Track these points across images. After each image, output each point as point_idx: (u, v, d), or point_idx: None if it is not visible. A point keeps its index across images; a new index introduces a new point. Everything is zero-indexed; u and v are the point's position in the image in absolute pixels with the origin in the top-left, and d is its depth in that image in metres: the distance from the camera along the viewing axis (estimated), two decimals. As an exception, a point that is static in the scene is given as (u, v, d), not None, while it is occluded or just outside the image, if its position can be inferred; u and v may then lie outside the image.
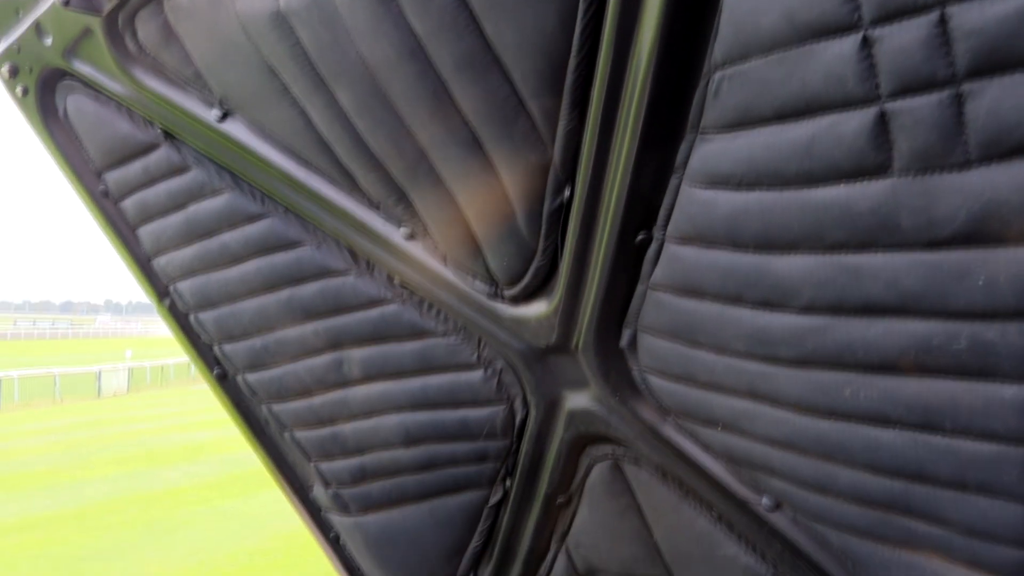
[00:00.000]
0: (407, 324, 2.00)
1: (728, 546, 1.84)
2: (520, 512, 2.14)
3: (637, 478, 1.90)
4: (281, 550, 12.08)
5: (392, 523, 2.33)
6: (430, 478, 2.20)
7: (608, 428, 1.85)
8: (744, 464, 1.66)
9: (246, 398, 2.41)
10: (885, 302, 1.24)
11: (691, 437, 1.72)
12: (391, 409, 2.14)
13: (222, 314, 2.28)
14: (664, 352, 1.63)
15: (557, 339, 1.79)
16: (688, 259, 1.48)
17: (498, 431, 2.02)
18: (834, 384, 1.37)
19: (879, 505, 1.45)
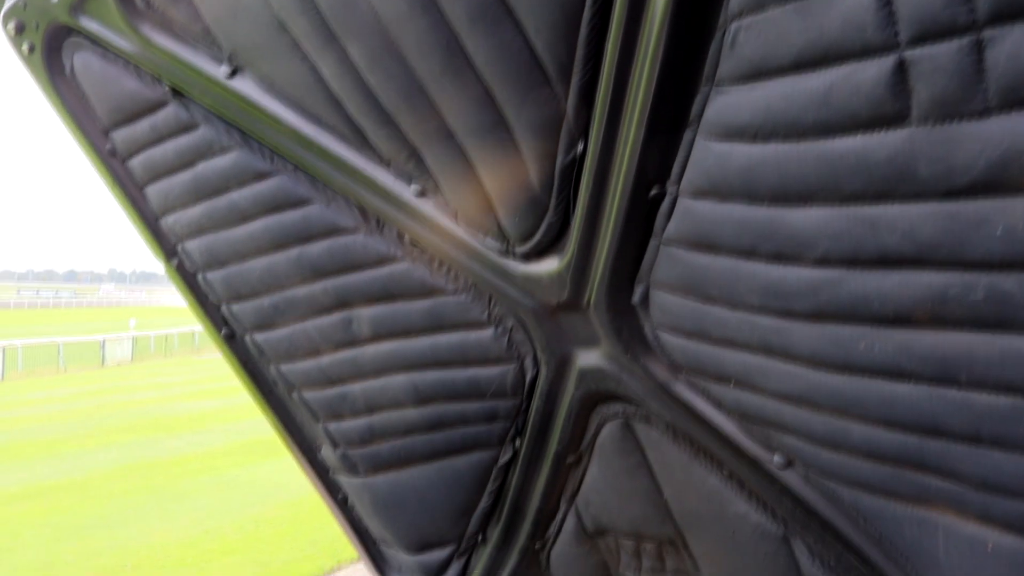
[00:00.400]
0: (417, 282, 1.99)
1: (739, 504, 1.84)
2: (529, 472, 2.14)
3: (647, 436, 1.90)
4: (286, 519, 12.14)
5: (400, 483, 2.34)
6: (439, 438, 2.20)
7: (619, 386, 1.85)
8: (756, 421, 1.66)
9: (254, 358, 2.41)
10: (901, 253, 1.23)
11: (703, 394, 1.72)
12: (400, 368, 2.14)
13: (230, 273, 2.27)
14: (676, 308, 1.62)
15: (568, 296, 1.78)
16: (702, 213, 1.48)
17: (508, 390, 2.01)
18: (848, 338, 1.36)
19: (892, 460, 1.45)
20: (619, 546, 2.14)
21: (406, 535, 2.45)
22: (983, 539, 1.41)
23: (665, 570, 2.11)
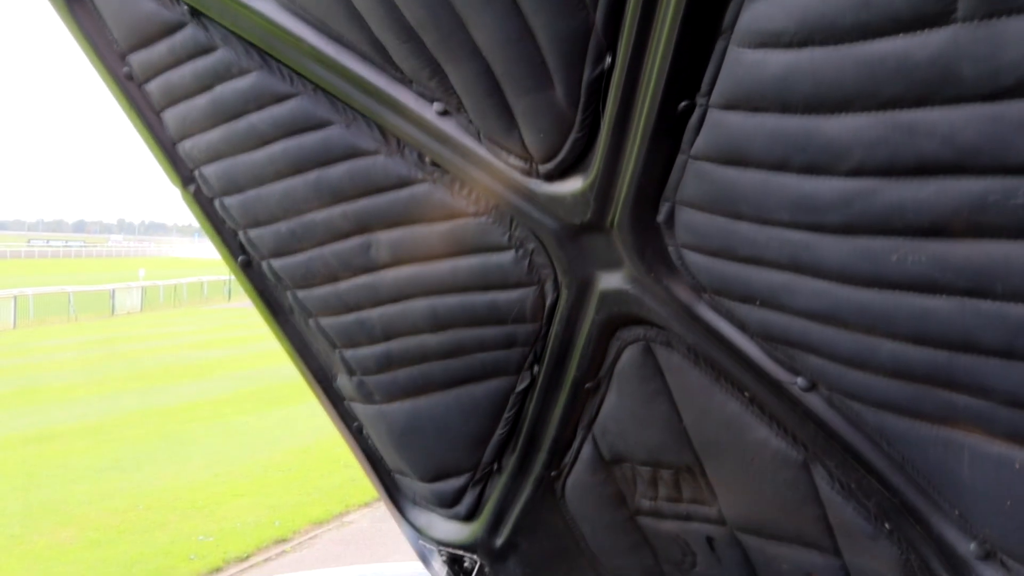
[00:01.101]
0: (438, 204, 1.97)
1: (759, 429, 1.83)
2: (547, 399, 2.13)
3: (668, 361, 1.89)
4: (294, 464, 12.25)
5: (416, 411, 2.34)
6: (456, 364, 2.19)
7: (641, 308, 1.83)
8: (780, 342, 1.64)
9: (271, 285, 2.40)
10: (940, 159, 1.21)
11: (726, 316, 1.70)
12: (419, 293, 2.12)
13: (248, 198, 2.25)
14: (703, 226, 1.60)
15: (592, 216, 1.76)
16: (733, 125, 1.45)
17: (527, 314, 2.00)
18: (880, 250, 1.34)
19: (920, 378, 1.43)
20: (635, 474, 2.14)
21: (421, 464, 2.45)
22: (1010, 458, 1.40)
23: (682, 498, 2.11)
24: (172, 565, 8.61)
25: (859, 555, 1.86)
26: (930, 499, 1.63)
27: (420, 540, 2.63)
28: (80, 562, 8.72)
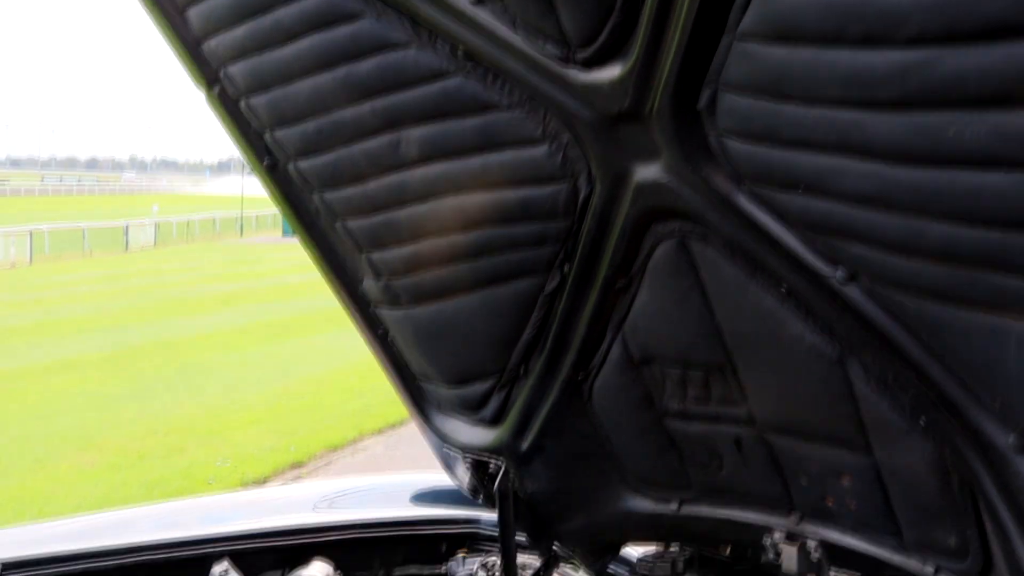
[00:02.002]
0: (469, 97, 1.93)
1: (794, 325, 1.81)
2: (577, 299, 2.11)
3: (703, 256, 1.86)
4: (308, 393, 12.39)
5: (444, 314, 2.32)
6: (485, 265, 2.17)
7: (677, 201, 1.80)
8: (822, 231, 1.61)
9: (296, 188, 2.37)
10: (1008, 20, 1.16)
11: (766, 205, 1.67)
12: (448, 191, 2.09)
13: (275, 97, 2.21)
14: (746, 110, 1.56)
15: (630, 104, 1.72)
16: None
17: (559, 211, 1.97)
18: (936, 125, 1.30)
19: (970, 261, 1.40)
20: (664, 375, 2.13)
21: (447, 368, 2.45)
22: (1060, 344, 1.38)
23: (711, 399, 2.09)
24: (191, 487, 8.75)
25: (891, 451, 1.85)
26: (969, 391, 1.61)
27: (444, 447, 2.64)
28: (102, 484, 8.86)
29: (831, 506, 2.06)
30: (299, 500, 3.45)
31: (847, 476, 1.98)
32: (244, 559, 2.68)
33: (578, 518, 2.52)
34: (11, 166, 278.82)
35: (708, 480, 2.24)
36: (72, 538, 2.72)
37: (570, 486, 2.46)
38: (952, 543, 1.86)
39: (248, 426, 10.84)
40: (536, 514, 2.52)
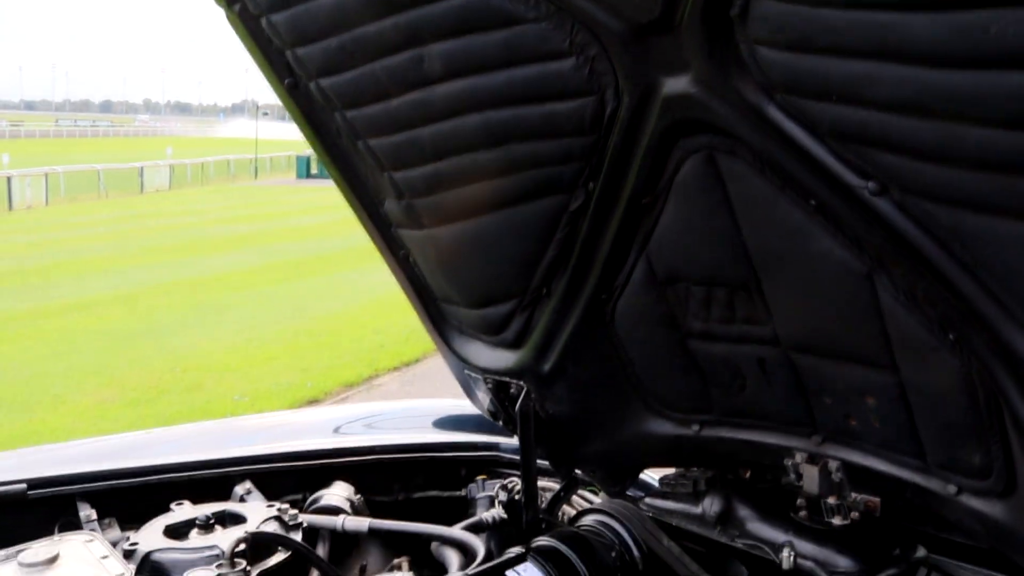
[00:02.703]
0: (495, 10, 1.90)
1: (822, 240, 1.79)
2: (601, 217, 2.09)
3: (731, 170, 1.83)
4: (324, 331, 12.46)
5: (466, 234, 2.31)
6: (509, 183, 2.15)
7: (706, 113, 1.77)
8: (854, 141, 1.58)
9: (318, 107, 2.35)
10: None
11: (797, 116, 1.64)
12: (472, 107, 2.07)
13: (296, 13, 2.18)
14: (780, 16, 1.53)
15: (660, 13, 1.68)
16: None
17: (585, 126, 1.94)
18: (977, 24, 1.26)
19: (1008, 167, 1.38)
20: (688, 295, 2.11)
21: (468, 289, 2.44)
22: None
23: (735, 319, 2.08)
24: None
25: (918, 369, 1.83)
26: (1002, 305, 1.59)
27: (465, 370, 2.64)
28: (122, 419, 8.97)
29: (854, 426, 2.06)
30: (321, 424, 3.48)
31: (871, 395, 1.97)
32: (265, 480, 2.71)
33: (598, 441, 2.52)
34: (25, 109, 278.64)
35: (730, 402, 2.24)
36: (95, 458, 2.74)
37: (591, 409, 2.47)
38: (976, 462, 1.85)
39: (265, 363, 10.92)
40: (557, 437, 2.53)
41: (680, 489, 2.31)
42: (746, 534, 2.15)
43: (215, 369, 10.69)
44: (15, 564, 2.05)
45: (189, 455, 2.75)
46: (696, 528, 2.22)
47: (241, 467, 2.74)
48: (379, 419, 3.59)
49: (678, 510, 2.28)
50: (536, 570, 1.94)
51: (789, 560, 2.00)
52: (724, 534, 2.17)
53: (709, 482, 2.27)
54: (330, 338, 12.12)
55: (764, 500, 2.21)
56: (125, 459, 2.72)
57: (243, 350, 11.55)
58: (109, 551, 2.13)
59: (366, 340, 11.81)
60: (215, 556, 2.19)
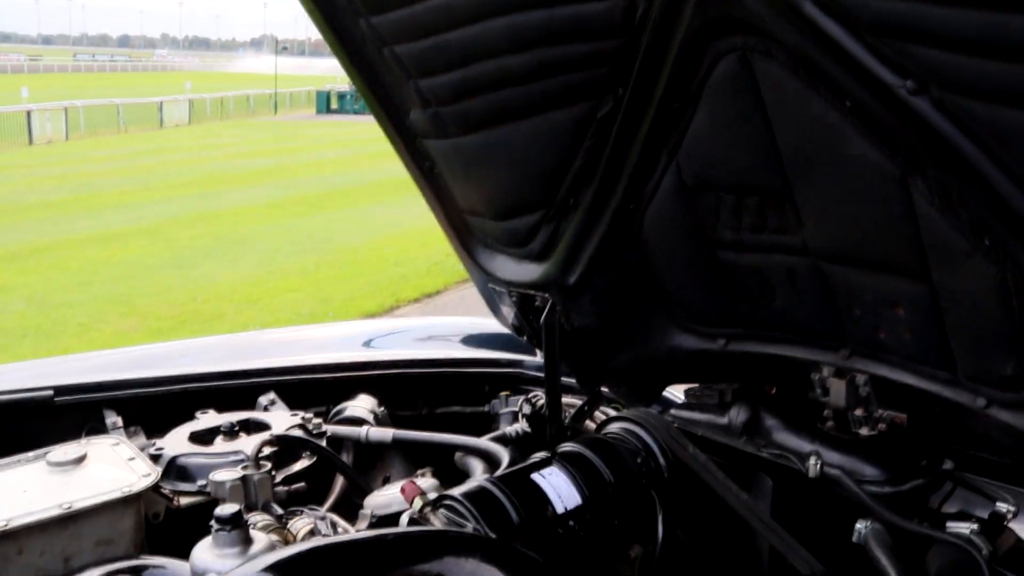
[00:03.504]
0: None
1: (857, 142, 1.75)
2: (630, 123, 2.05)
3: (765, 72, 1.79)
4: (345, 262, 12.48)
5: (492, 143, 2.27)
6: (536, 89, 2.11)
7: (740, 10, 1.71)
8: (893, 36, 1.53)
9: (341, 11, 2.30)
10: None
11: (835, 12, 1.58)
12: (499, 10, 2.02)
13: None
14: None
15: None
16: None
17: (615, 28, 1.89)
18: None
19: (1053, 55, 1.33)
20: (718, 203, 2.08)
21: (494, 200, 2.42)
22: None
23: (765, 227, 2.05)
24: (232, 353, 8.89)
25: (951, 276, 1.80)
26: (1040, 206, 1.56)
27: (489, 284, 2.63)
28: (144, 348, 9.02)
29: (883, 339, 2.04)
30: (349, 337, 3.49)
31: (902, 306, 1.95)
32: (289, 392, 2.72)
33: (623, 355, 2.51)
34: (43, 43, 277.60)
35: (757, 315, 2.22)
36: (121, 368, 2.76)
37: (616, 322, 2.45)
38: (1007, 373, 1.83)
39: (286, 294, 10.97)
40: (581, 351, 2.52)
41: (706, 400, 2.30)
42: (772, 444, 2.14)
43: (236, 300, 10.74)
44: (43, 463, 2.08)
45: (215, 366, 2.77)
46: (722, 438, 2.21)
47: (265, 378, 2.75)
48: (408, 334, 3.60)
49: (704, 420, 2.28)
50: (561, 473, 1.94)
51: (815, 468, 2.00)
52: (750, 443, 2.16)
53: (735, 394, 2.26)
54: (351, 270, 12.14)
55: (791, 411, 2.20)
56: (151, 369, 2.74)
57: (264, 281, 11.60)
58: (136, 453, 2.15)
59: (387, 272, 11.83)
60: (239, 461, 2.21)
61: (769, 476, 2.13)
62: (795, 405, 2.23)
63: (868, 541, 1.91)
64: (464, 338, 3.37)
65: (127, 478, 2.03)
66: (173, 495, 2.18)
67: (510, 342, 3.20)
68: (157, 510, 2.11)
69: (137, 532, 2.00)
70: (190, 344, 3.58)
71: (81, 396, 2.54)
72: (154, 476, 2.04)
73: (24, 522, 1.86)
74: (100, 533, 1.95)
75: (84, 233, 15.29)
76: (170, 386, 2.66)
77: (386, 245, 13.35)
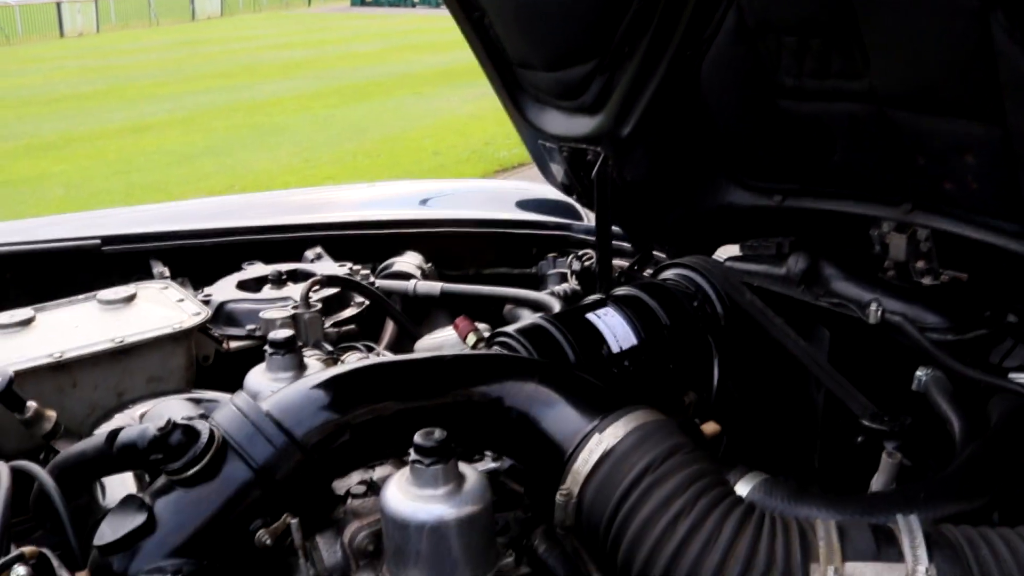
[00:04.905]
0: None
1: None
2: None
3: None
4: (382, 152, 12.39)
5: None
6: None
7: None
8: None
9: None
10: None
11: None
12: None
13: None
14: None
15: None
16: None
17: None
18: None
19: None
20: (780, 46, 1.99)
21: (546, 50, 2.34)
22: None
23: (829, 73, 1.96)
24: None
25: None
26: None
27: (540, 140, 2.57)
28: (182, 232, 9.06)
29: (948, 190, 1.96)
30: (406, 196, 3.46)
31: (971, 152, 1.87)
32: (336, 246, 2.70)
33: (675, 212, 2.46)
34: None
35: (816, 169, 2.15)
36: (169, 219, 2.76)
37: (670, 176, 2.39)
38: (1082, 221, 1.77)
39: (322, 181, 10.91)
40: (633, 207, 2.47)
41: (763, 251, 2.25)
42: (831, 293, 2.09)
43: (273, 187, 10.71)
44: (94, 302, 2.08)
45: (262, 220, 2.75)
46: (779, 288, 2.16)
47: (312, 232, 2.73)
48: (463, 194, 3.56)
49: (760, 271, 2.22)
50: (617, 314, 1.90)
51: (876, 315, 1.95)
52: (808, 293, 2.11)
53: (793, 245, 2.20)
54: (388, 159, 12.05)
55: (850, 261, 2.15)
56: (198, 222, 2.73)
57: (301, 170, 11.56)
58: (185, 295, 2.15)
59: (425, 162, 11.73)
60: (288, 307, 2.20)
61: (826, 327, 2.09)
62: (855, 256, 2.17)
63: (929, 388, 1.87)
64: (521, 202, 3.32)
65: (177, 316, 2.03)
66: (222, 338, 2.18)
67: (560, 207, 3.17)
68: (207, 352, 2.11)
69: (188, 370, 2.01)
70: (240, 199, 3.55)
71: (128, 246, 2.54)
72: (204, 315, 2.04)
73: (77, 354, 1.87)
74: (151, 370, 1.96)
75: (119, 123, 15.27)
76: (217, 238, 2.65)
77: (424, 136, 13.21)
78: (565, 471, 1.41)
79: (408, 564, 1.27)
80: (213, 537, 1.30)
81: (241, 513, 1.31)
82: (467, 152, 11.96)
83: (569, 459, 1.41)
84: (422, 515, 1.24)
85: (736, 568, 1.25)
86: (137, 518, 1.27)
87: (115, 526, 1.27)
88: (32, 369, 1.82)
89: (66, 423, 1.77)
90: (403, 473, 1.28)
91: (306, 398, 1.39)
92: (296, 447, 1.33)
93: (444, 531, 1.24)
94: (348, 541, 1.39)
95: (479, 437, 1.49)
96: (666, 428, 1.42)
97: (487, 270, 2.94)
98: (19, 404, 1.68)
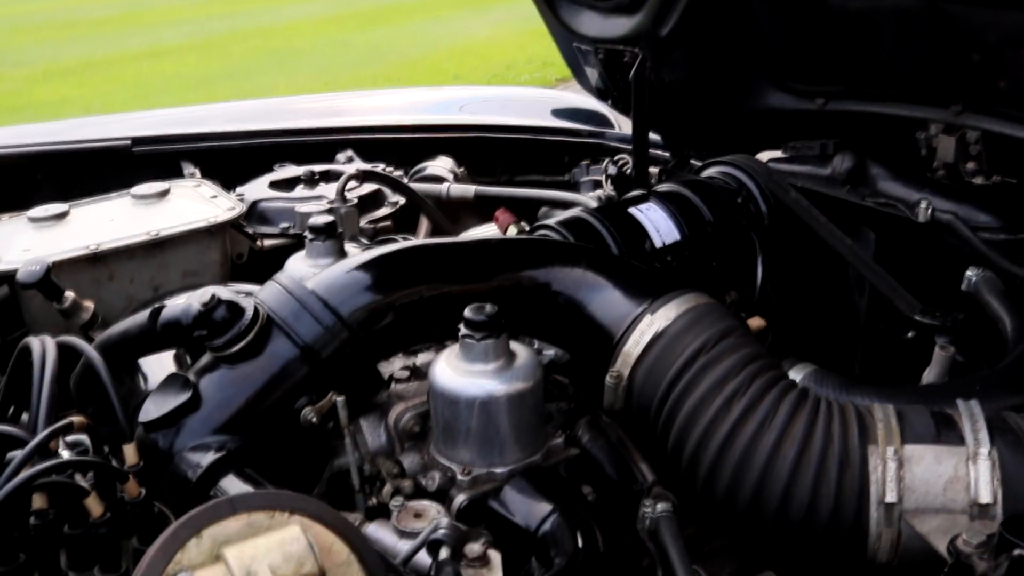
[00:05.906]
0: None
1: None
2: None
3: None
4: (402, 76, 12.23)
5: None
6: None
7: None
8: None
9: None
10: None
11: None
12: None
13: None
14: None
15: None
16: None
17: None
18: None
19: None
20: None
21: None
22: None
23: None
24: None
25: None
26: None
27: (574, 43, 2.50)
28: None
29: (1002, 88, 1.89)
30: (447, 101, 3.41)
31: (1030, 44, 1.81)
32: (368, 150, 2.67)
33: (714, 116, 2.40)
34: None
35: (861, 69, 2.08)
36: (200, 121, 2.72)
37: (709, 78, 2.33)
38: None
39: (342, 106, 10.84)
40: (670, 111, 2.41)
41: (807, 152, 2.20)
42: (877, 192, 2.04)
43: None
44: (128, 198, 2.06)
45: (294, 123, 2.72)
46: (823, 188, 2.11)
47: (344, 135, 2.69)
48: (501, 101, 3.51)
49: (804, 172, 2.17)
50: (660, 209, 1.86)
51: (926, 213, 1.90)
52: (854, 193, 2.06)
53: (837, 146, 2.15)
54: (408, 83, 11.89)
55: (897, 160, 2.09)
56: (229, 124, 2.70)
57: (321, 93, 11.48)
58: (218, 192, 2.13)
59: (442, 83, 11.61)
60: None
61: (872, 229, 2.05)
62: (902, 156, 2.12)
63: (979, 288, 1.83)
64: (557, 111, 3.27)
65: (211, 211, 2.01)
66: (256, 236, 2.16)
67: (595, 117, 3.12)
68: (241, 250, 2.09)
69: (223, 266, 1.99)
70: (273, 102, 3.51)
71: (159, 147, 2.52)
72: (239, 209, 2.02)
73: (113, 246, 1.86)
74: (187, 264, 1.95)
75: (137, 48, 15.15)
76: (248, 140, 2.62)
77: (444, 59, 13.04)
78: (615, 354, 1.38)
79: (457, 442, 1.26)
80: (258, 414, 1.29)
81: (286, 391, 1.30)
82: (487, 76, 11.80)
83: (619, 342, 1.38)
84: (473, 390, 1.22)
85: (792, 449, 1.23)
86: (181, 395, 1.26)
87: (159, 403, 1.26)
88: (69, 260, 1.81)
89: (103, 316, 1.76)
90: (452, 349, 1.26)
91: (351, 278, 1.37)
92: (343, 325, 1.31)
93: (494, 407, 1.22)
94: (393, 423, 1.38)
95: (525, 322, 1.47)
96: (718, 311, 1.39)
97: (519, 177, 2.90)
98: (57, 293, 1.67)
